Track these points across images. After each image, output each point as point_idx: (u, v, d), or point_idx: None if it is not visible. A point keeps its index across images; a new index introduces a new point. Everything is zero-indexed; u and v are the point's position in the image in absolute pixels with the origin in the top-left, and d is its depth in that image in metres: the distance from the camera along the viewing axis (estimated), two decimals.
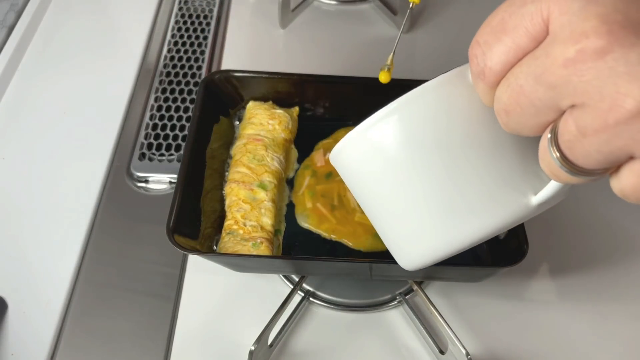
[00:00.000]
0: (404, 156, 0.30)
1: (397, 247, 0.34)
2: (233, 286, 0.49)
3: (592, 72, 0.20)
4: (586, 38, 0.20)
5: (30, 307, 0.47)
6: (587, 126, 0.21)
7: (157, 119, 0.61)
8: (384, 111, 0.30)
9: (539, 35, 0.22)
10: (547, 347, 0.46)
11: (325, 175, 0.52)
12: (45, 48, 0.69)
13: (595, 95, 0.20)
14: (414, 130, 0.29)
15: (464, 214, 0.30)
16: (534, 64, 0.22)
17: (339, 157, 0.33)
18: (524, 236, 0.42)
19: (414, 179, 0.30)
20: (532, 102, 0.22)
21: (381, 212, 0.33)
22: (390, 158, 0.30)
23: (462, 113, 0.28)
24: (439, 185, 0.29)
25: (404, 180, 0.30)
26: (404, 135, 0.29)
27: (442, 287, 0.49)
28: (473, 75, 0.25)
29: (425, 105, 0.29)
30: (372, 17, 0.74)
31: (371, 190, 0.33)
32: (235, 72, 0.54)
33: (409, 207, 0.31)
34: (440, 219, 0.30)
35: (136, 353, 0.45)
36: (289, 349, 0.45)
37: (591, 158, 0.22)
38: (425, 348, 0.45)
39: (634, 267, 0.51)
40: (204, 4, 0.76)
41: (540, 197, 0.29)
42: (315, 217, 0.50)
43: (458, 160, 0.29)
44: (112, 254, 0.51)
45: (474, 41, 0.24)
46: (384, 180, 0.31)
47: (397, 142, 0.30)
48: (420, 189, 0.30)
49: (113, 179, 0.56)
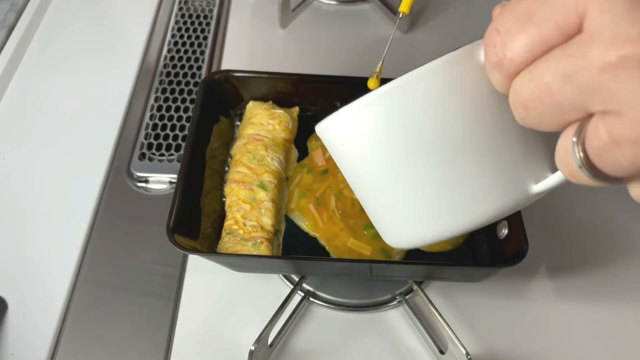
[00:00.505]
0: (401, 140, 0.28)
1: (384, 226, 0.33)
2: (233, 286, 0.49)
3: (635, 81, 0.19)
4: (632, 44, 0.19)
5: (31, 307, 0.47)
6: (623, 136, 0.20)
7: (157, 119, 0.61)
8: (382, 90, 0.27)
9: (569, 31, 0.21)
10: (547, 347, 0.46)
11: (321, 173, 0.53)
12: (45, 48, 0.69)
13: (635, 106, 0.19)
14: (412, 114, 0.27)
15: (462, 201, 0.29)
16: (565, 62, 0.20)
17: (328, 134, 0.32)
18: (524, 236, 0.42)
19: (410, 164, 0.28)
20: (557, 102, 0.21)
21: (370, 193, 0.32)
22: (384, 141, 0.29)
23: (467, 97, 0.27)
24: (436, 171, 0.28)
25: (398, 166, 0.29)
26: (401, 118, 0.28)
27: (442, 287, 0.49)
28: (489, 64, 0.24)
29: (427, 87, 0.27)
30: (372, 17, 0.74)
31: (361, 171, 0.31)
32: (235, 72, 0.54)
33: (403, 192, 0.30)
34: (435, 206, 0.29)
35: (136, 353, 0.45)
36: (289, 349, 0.45)
37: (621, 167, 0.21)
38: (425, 348, 0.45)
39: (634, 266, 0.51)
40: (204, 4, 0.76)
41: (541, 187, 0.28)
42: (302, 214, 0.50)
43: (459, 148, 0.28)
44: (112, 254, 0.51)
45: (493, 28, 0.23)
46: (375, 163, 0.30)
47: (393, 125, 0.28)
48: (417, 174, 0.29)
49: (113, 179, 0.56)
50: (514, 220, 0.44)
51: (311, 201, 0.51)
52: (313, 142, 0.56)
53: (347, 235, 0.48)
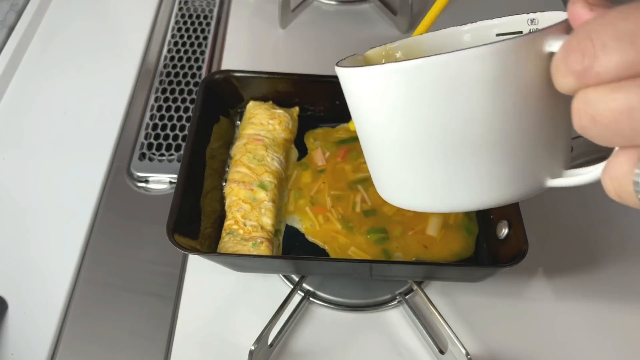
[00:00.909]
0: (431, 114, 0.27)
1: (382, 182, 0.33)
2: (233, 286, 0.49)
3: None
4: None
5: (31, 307, 0.47)
6: None
7: (157, 119, 0.61)
8: (435, 58, 0.25)
9: None
10: (547, 347, 0.46)
11: (317, 172, 0.53)
12: (45, 48, 0.69)
13: None
14: (455, 90, 0.26)
15: (476, 187, 0.29)
16: None
17: (349, 83, 0.30)
18: (524, 236, 0.42)
19: (432, 139, 0.28)
20: (634, 127, 0.21)
21: (379, 152, 0.31)
22: (414, 111, 0.27)
23: (516, 86, 0.26)
24: (456, 152, 0.28)
25: (419, 138, 0.28)
26: (441, 93, 0.26)
27: (442, 287, 0.49)
28: (567, 68, 0.22)
29: (481, 67, 0.25)
30: (372, 17, 0.74)
31: (375, 130, 0.30)
32: (235, 72, 0.54)
33: (414, 164, 0.29)
34: (445, 185, 0.29)
35: (136, 353, 0.45)
36: (289, 349, 0.45)
37: None
38: (425, 348, 0.45)
39: (634, 266, 0.51)
40: (204, 4, 0.76)
41: (558, 183, 0.28)
42: (300, 217, 0.50)
43: (489, 133, 0.27)
44: (112, 254, 0.51)
45: (585, 34, 0.21)
46: (393, 130, 0.29)
47: (430, 97, 0.26)
48: (435, 151, 0.28)
49: (113, 179, 0.56)
50: (514, 220, 0.44)
51: (307, 202, 0.51)
52: (311, 140, 0.56)
53: (346, 239, 0.48)
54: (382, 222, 0.49)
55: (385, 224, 0.49)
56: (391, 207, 0.49)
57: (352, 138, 0.55)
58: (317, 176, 0.52)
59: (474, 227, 0.49)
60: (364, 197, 0.51)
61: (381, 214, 0.49)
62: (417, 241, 0.48)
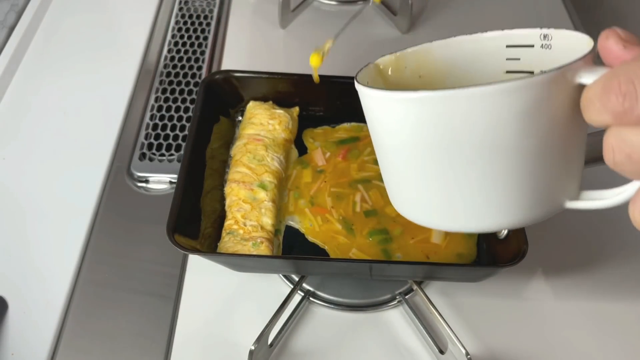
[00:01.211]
0: (461, 139, 0.27)
1: (396, 196, 0.34)
2: (233, 286, 0.49)
3: None
4: None
5: (31, 307, 0.47)
6: None
7: (157, 119, 0.61)
8: (478, 90, 0.25)
9: None
10: (547, 347, 0.46)
11: (317, 171, 0.53)
12: (45, 48, 0.69)
13: None
14: (478, 121, 0.26)
15: (493, 209, 0.29)
16: None
17: (371, 102, 0.30)
18: (524, 236, 0.42)
19: (449, 165, 0.28)
20: None
21: (396, 168, 0.32)
22: (444, 135, 0.27)
23: (545, 118, 0.26)
24: (479, 176, 0.28)
25: (436, 164, 0.29)
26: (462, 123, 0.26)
27: (442, 287, 0.49)
28: (605, 107, 0.23)
29: (507, 103, 0.26)
30: (372, 17, 0.74)
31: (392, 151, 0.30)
32: (235, 72, 0.54)
33: (429, 185, 0.30)
34: (460, 207, 0.29)
35: (136, 353, 0.45)
36: (289, 349, 0.45)
37: None
38: (425, 348, 0.45)
39: (634, 266, 0.51)
40: (204, 4, 0.76)
41: (575, 206, 0.30)
42: (299, 217, 0.50)
43: (511, 159, 0.27)
44: (112, 254, 0.51)
45: (627, 77, 0.22)
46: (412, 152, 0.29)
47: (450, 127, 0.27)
48: (453, 176, 0.28)
49: (113, 179, 0.56)
50: None
51: (306, 202, 0.51)
52: (310, 139, 0.56)
53: (347, 239, 0.48)
54: (383, 223, 0.49)
55: (387, 225, 0.49)
56: (393, 208, 0.49)
57: (352, 138, 0.55)
58: (317, 176, 0.52)
59: None
60: (364, 197, 0.51)
61: (382, 215, 0.49)
62: (420, 250, 0.48)
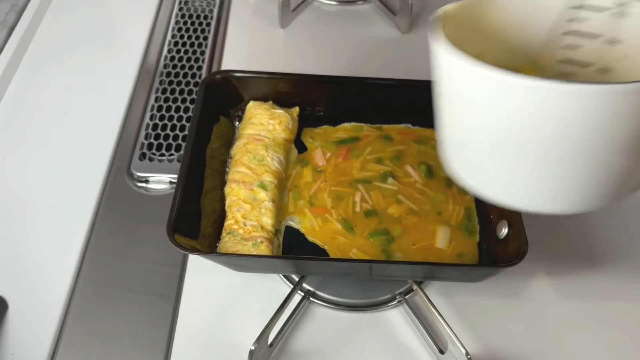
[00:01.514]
0: (565, 131, 0.28)
1: (456, 164, 0.35)
2: (233, 286, 0.49)
3: None
4: None
5: (31, 307, 0.47)
6: None
7: (157, 119, 0.61)
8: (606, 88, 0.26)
9: None
10: (547, 346, 0.46)
11: (316, 171, 0.53)
12: (45, 48, 0.69)
13: None
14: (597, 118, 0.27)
15: (556, 196, 0.32)
16: None
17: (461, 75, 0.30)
18: (524, 236, 0.42)
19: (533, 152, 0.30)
20: None
21: (468, 138, 0.33)
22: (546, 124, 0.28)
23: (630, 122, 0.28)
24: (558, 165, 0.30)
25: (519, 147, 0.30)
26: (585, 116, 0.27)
27: (442, 287, 0.49)
28: None
29: (614, 104, 0.27)
30: (372, 17, 0.74)
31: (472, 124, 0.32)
32: (235, 72, 0.54)
33: (531, 167, 0.31)
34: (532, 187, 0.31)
35: (136, 353, 0.45)
36: (289, 349, 0.45)
37: None
38: (425, 348, 0.45)
39: (634, 266, 0.51)
40: (204, 4, 0.76)
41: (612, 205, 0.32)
42: (299, 217, 0.50)
43: (619, 153, 0.29)
44: (112, 254, 0.51)
45: None
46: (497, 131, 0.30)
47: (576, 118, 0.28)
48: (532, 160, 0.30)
49: (113, 179, 0.56)
50: (514, 220, 0.44)
51: (306, 202, 0.50)
52: (309, 139, 0.56)
53: (346, 240, 0.48)
54: (383, 223, 0.49)
55: (387, 225, 0.49)
56: (395, 208, 0.49)
57: (353, 138, 0.55)
58: (317, 176, 0.52)
59: (474, 227, 0.49)
60: (364, 197, 0.51)
61: (382, 215, 0.49)
62: (423, 258, 0.47)
